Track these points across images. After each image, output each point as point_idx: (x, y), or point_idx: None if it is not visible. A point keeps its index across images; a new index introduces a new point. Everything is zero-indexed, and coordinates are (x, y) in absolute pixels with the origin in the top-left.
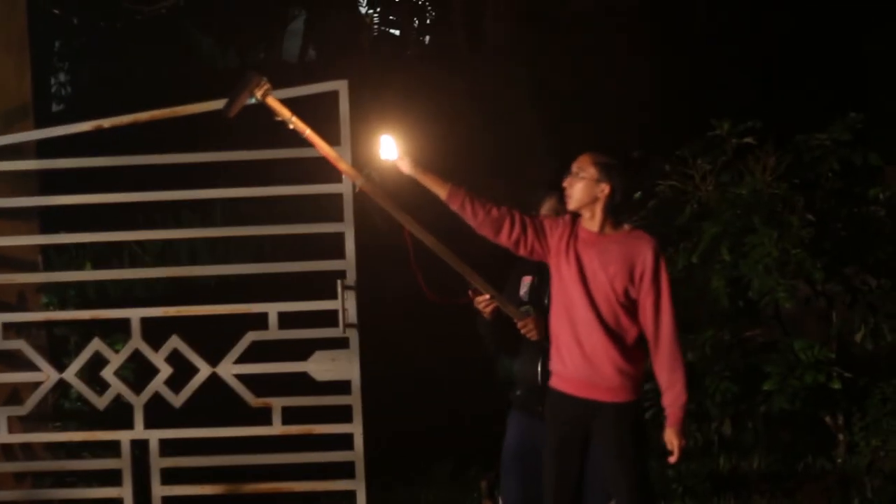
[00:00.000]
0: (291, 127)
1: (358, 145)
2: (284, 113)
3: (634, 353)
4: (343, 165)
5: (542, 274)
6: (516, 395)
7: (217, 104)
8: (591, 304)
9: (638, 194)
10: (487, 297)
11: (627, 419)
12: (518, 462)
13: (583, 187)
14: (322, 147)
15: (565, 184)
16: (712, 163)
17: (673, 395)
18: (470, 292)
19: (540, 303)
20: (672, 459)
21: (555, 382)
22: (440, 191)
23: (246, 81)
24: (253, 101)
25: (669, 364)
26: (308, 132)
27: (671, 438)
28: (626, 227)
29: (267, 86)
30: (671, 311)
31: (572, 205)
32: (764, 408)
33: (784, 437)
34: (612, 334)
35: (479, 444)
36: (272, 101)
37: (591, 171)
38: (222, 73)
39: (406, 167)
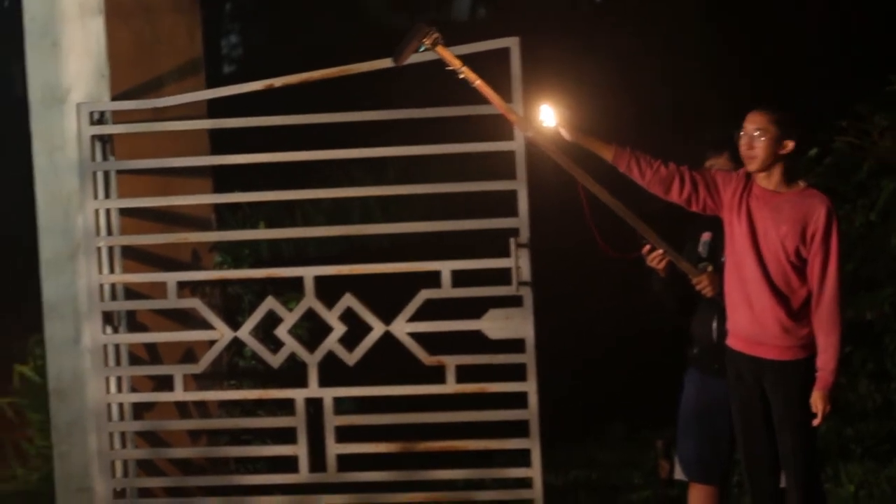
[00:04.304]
0: (462, 76)
1: (530, 104)
2: (455, 62)
3: (803, 312)
4: (514, 116)
5: (720, 230)
6: (692, 353)
7: (387, 62)
8: (761, 263)
9: (813, 151)
10: (660, 252)
11: (794, 378)
12: (694, 421)
13: (765, 147)
14: (492, 97)
15: (743, 145)
16: (890, 118)
17: (825, 359)
18: (644, 248)
19: (717, 259)
20: (815, 422)
21: (729, 339)
22: (605, 153)
23: (416, 31)
24: (423, 49)
25: (826, 327)
26: (478, 82)
27: (816, 401)
28: (801, 184)
29: (436, 35)
30: (836, 275)
31: (755, 166)
32: None
33: None
34: (781, 294)
35: (655, 403)
36: (442, 50)
37: (773, 130)
38: (392, 33)
39: (567, 134)
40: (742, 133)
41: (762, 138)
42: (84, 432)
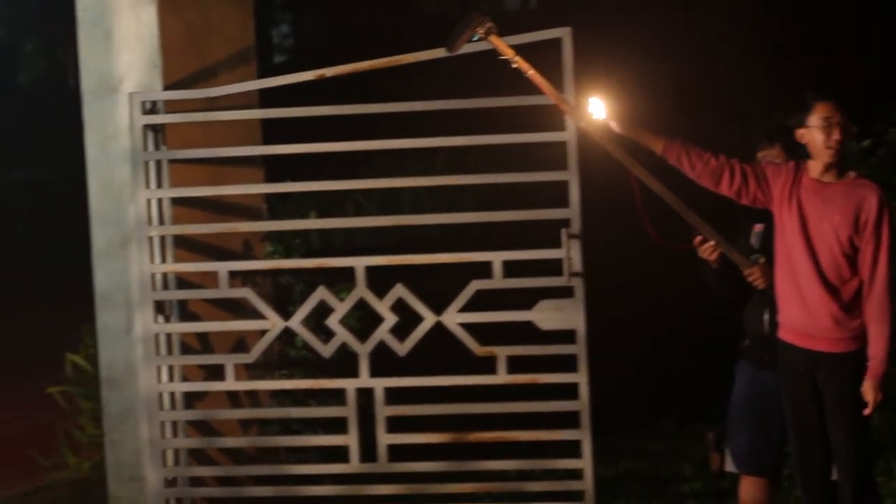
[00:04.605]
0: (514, 66)
1: (581, 95)
2: (507, 51)
3: (854, 304)
4: (567, 106)
5: (772, 221)
6: (744, 345)
7: (438, 53)
8: (812, 255)
9: (867, 142)
10: (713, 243)
11: (846, 369)
12: (746, 413)
13: (846, 135)
14: (545, 86)
15: (826, 136)
16: None
17: (876, 348)
18: (696, 239)
19: (769, 251)
20: (866, 412)
21: (780, 332)
22: (654, 145)
23: (469, 20)
24: (476, 39)
25: (877, 316)
26: (531, 72)
27: (867, 391)
28: (852, 174)
29: (490, 24)
30: (888, 263)
31: (836, 156)
32: None
33: None
34: (832, 286)
35: (705, 395)
36: (495, 40)
37: (846, 119)
38: (444, 23)
39: (617, 126)
40: (823, 123)
41: (843, 127)
42: (136, 421)
